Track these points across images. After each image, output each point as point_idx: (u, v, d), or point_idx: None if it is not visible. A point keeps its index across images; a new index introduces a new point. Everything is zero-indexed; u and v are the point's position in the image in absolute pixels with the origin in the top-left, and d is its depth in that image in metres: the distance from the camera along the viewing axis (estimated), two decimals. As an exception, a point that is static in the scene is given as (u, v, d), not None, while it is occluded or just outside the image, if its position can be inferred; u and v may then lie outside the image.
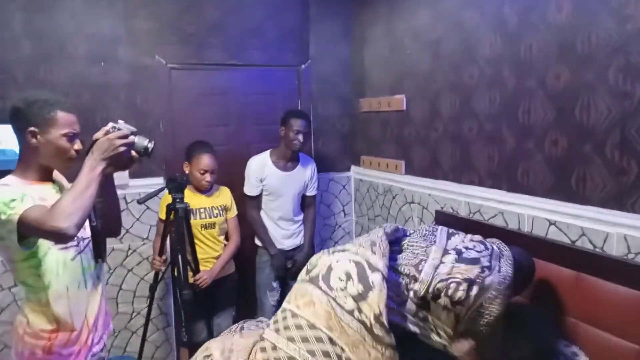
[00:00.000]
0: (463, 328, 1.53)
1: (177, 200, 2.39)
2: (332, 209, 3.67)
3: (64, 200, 1.37)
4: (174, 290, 2.75)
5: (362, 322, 1.41)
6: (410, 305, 1.56)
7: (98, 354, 1.73)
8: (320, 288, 1.49)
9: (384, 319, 1.41)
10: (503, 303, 1.53)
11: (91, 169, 1.44)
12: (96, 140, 1.48)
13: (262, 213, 2.96)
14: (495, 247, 1.70)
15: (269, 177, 2.89)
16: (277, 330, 1.50)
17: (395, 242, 1.72)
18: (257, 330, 1.73)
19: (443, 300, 1.51)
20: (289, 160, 2.94)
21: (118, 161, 1.51)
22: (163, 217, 2.63)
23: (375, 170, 3.36)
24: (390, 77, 3.12)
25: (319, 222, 3.61)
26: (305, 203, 3.08)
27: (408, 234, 1.81)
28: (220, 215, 2.77)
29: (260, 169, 2.89)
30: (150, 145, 1.57)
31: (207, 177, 2.66)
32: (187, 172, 2.69)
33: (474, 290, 1.50)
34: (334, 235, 3.71)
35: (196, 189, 2.73)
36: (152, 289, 2.64)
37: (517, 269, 1.66)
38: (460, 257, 1.58)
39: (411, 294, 1.56)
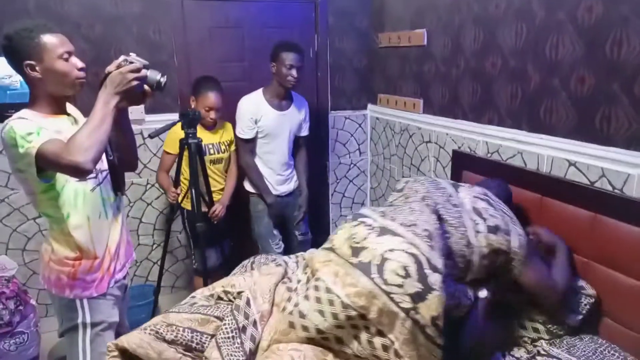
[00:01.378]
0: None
1: (190, 135, 2.40)
2: (348, 147, 3.65)
3: (80, 135, 1.38)
4: (183, 222, 2.83)
5: (416, 322, 1.35)
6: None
7: (121, 280, 1.81)
8: (373, 280, 1.38)
9: (440, 322, 1.36)
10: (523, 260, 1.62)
11: (105, 103, 1.44)
12: (109, 73, 1.47)
13: (256, 159, 2.82)
14: (496, 201, 1.73)
15: (265, 118, 2.72)
16: (306, 298, 1.45)
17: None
18: (273, 267, 1.76)
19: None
20: (283, 98, 2.77)
21: (131, 95, 1.50)
22: (170, 150, 2.68)
23: (392, 108, 3.30)
24: (411, 10, 2.97)
25: (334, 160, 3.61)
26: (297, 144, 2.94)
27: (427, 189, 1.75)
28: (227, 151, 2.83)
29: (255, 109, 2.71)
30: (163, 80, 1.55)
31: (212, 114, 2.67)
32: (192, 107, 2.69)
33: (502, 257, 1.61)
34: (349, 174, 3.72)
35: (202, 124, 2.75)
36: (170, 221, 2.72)
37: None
38: (488, 227, 1.62)
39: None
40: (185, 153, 2.48)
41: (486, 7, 2.32)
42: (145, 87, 1.54)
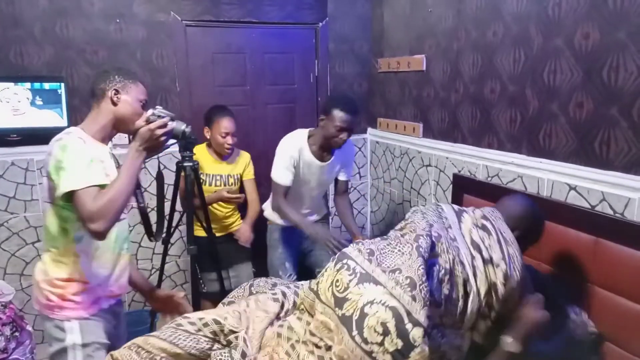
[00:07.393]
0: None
1: (186, 158, 2.39)
2: (348, 171, 3.66)
3: (108, 199, 1.47)
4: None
5: None
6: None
7: (113, 306, 1.79)
8: (354, 339, 1.34)
9: None
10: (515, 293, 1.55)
11: (133, 161, 1.56)
12: (138, 128, 1.58)
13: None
14: (496, 230, 1.61)
15: (303, 165, 2.45)
16: (312, 353, 1.42)
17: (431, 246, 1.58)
18: (270, 302, 1.71)
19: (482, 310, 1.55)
20: (326, 150, 2.48)
21: (157, 148, 1.63)
22: None
23: (392, 132, 3.32)
24: (411, 36, 3.02)
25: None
26: (337, 187, 2.72)
27: (432, 226, 1.62)
28: (235, 185, 2.81)
29: (297, 153, 2.43)
30: (188, 130, 1.70)
31: (229, 139, 2.66)
32: (207, 137, 2.70)
33: (500, 290, 1.52)
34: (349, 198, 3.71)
35: (218, 154, 2.74)
36: (165, 242, 2.70)
37: (522, 237, 1.63)
38: (485, 260, 1.55)
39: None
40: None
41: (484, 33, 2.36)
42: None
